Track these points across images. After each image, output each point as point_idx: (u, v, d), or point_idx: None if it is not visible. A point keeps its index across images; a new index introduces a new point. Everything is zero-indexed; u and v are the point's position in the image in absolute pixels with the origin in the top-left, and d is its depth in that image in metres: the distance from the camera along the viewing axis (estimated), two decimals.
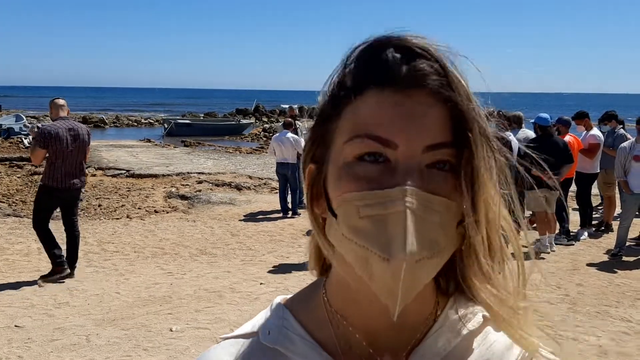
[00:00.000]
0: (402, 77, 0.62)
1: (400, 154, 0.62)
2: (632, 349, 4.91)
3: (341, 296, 0.72)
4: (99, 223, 9.68)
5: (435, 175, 0.62)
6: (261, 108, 45.05)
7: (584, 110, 9.32)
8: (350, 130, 0.64)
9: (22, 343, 4.93)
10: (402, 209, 0.59)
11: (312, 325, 0.74)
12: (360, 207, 0.62)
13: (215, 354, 0.76)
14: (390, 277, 0.58)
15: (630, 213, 7.75)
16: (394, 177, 0.61)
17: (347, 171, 0.64)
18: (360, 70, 0.65)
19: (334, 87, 0.68)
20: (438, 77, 0.63)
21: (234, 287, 6.50)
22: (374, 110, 0.63)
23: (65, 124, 6.46)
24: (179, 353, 4.75)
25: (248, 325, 0.78)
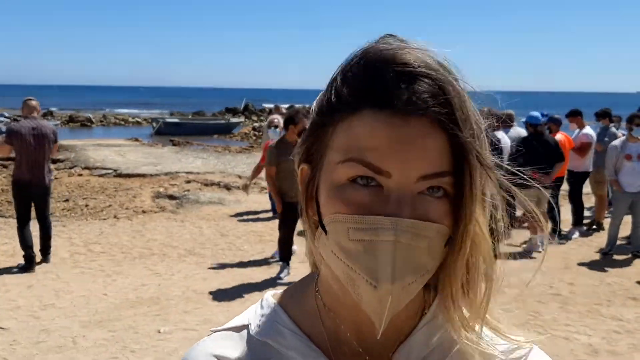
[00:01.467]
0: (402, 101, 0.61)
1: (393, 183, 0.62)
2: (623, 348, 4.91)
3: (331, 293, 0.73)
4: (85, 223, 9.57)
5: (427, 201, 0.63)
6: (251, 107, 44.94)
7: (577, 108, 9.32)
8: (345, 150, 0.63)
9: (7, 345, 4.85)
10: (391, 239, 0.60)
11: (303, 319, 0.75)
12: (351, 230, 0.62)
13: (205, 346, 0.76)
14: (377, 302, 0.61)
15: (621, 212, 7.77)
16: (386, 205, 0.61)
17: (339, 193, 0.64)
18: (359, 86, 0.64)
19: (333, 95, 0.67)
20: (438, 104, 0.61)
21: (223, 288, 6.44)
22: (369, 133, 0.62)
23: (30, 123, 6.97)
24: (166, 355, 4.69)
25: (239, 318, 0.79)
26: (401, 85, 0.61)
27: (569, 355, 4.74)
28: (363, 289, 0.61)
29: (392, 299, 0.60)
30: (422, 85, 0.61)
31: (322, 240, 0.67)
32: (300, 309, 0.76)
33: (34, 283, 6.49)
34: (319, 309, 0.75)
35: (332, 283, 0.71)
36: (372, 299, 0.61)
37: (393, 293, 0.60)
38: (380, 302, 0.61)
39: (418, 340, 0.72)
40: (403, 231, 0.60)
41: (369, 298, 0.61)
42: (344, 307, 0.72)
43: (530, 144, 7.32)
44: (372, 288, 0.60)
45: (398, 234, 0.60)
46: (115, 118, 40.85)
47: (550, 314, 5.61)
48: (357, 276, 0.62)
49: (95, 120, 37.88)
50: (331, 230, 0.64)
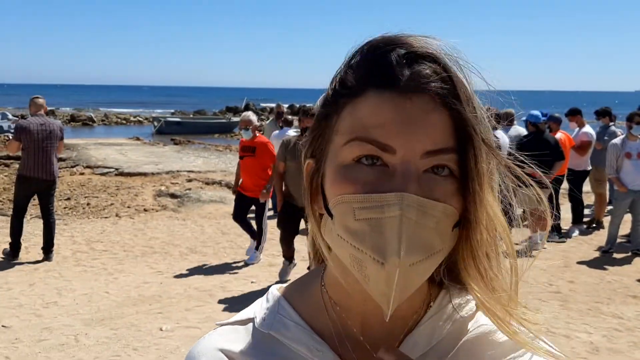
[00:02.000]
0: (405, 80, 0.62)
1: (398, 159, 0.62)
2: (623, 346, 4.92)
3: (337, 287, 0.73)
4: (87, 222, 9.59)
5: (432, 180, 0.62)
6: (251, 106, 44.94)
7: (577, 107, 9.33)
8: (349, 131, 0.64)
9: (9, 343, 4.86)
10: (397, 214, 0.60)
11: (308, 312, 0.75)
12: (357, 210, 0.62)
13: (211, 340, 0.76)
14: (384, 280, 0.60)
15: (621, 210, 7.78)
16: (391, 181, 0.61)
17: (345, 173, 0.64)
18: (362, 70, 0.65)
19: (336, 84, 0.68)
20: (441, 81, 0.62)
21: (225, 286, 6.46)
22: (373, 112, 0.62)
23: (38, 120, 7.15)
24: (168, 352, 4.71)
25: (244, 312, 0.79)
26: (404, 65, 0.62)
27: (569, 353, 4.74)
28: (370, 269, 0.61)
29: (400, 275, 0.59)
30: (425, 64, 0.62)
31: (329, 226, 0.67)
32: (305, 302, 0.76)
33: (36, 281, 6.51)
34: (325, 303, 0.75)
35: (338, 275, 0.71)
36: (380, 279, 0.60)
37: (401, 268, 0.59)
38: (388, 280, 0.60)
39: (424, 332, 0.72)
40: (409, 206, 0.60)
41: (376, 278, 0.61)
42: (350, 300, 0.72)
43: (531, 142, 7.34)
44: (380, 266, 0.60)
45: (404, 208, 0.59)
46: (117, 117, 40.88)
47: (551, 312, 5.62)
48: (364, 256, 0.61)
49: (97, 120, 37.92)
50: (337, 213, 0.64)
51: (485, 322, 0.73)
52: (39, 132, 7.08)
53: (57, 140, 7.27)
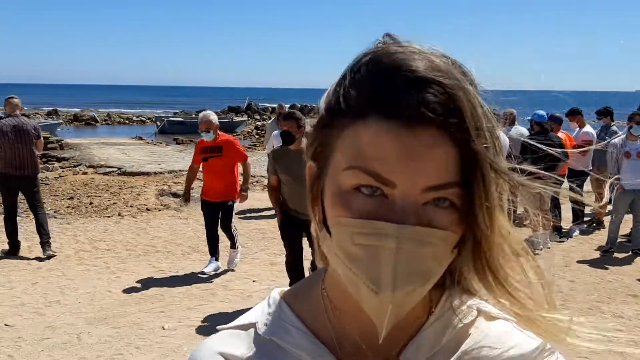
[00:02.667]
0: (409, 110, 0.59)
1: (398, 193, 0.60)
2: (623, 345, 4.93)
3: (337, 291, 0.73)
4: (90, 221, 9.62)
5: (432, 211, 0.61)
6: (253, 106, 44.97)
7: (577, 107, 9.32)
8: (350, 156, 0.62)
9: (12, 342, 4.89)
10: (394, 247, 0.59)
11: (309, 317, 0.75)
12: (355, 234, 0.61)
13: (212, 344, 0.76)
14: (378, 308, 0.60)
15: (621, 209, 7.78)
16: (390, 213, 0.61)
17: (344, 199, 0.63)
18: (366, 91, 0.62)
19: (340, 97, 0.65)
20: (447, 113, 0.59)
21: (227, 284, 6.48)
22: (374, 143, 0.60)
23: (11, 121, 7.43)
24: (171, 351, 4.73)
25: (246, 316, 0.78)
26: (409, 94, 0.59)
27: (569, 352, 4.75)
28: (365, 294, 0.61)
29: (393, 307, 0.60)
30: (431, 93, 0.59)
31: (327, 241, 0.67)
32: (307, 306, 0.76)
33: (39, 280, 6.54)
34: (325, 306, 0.74)
35: (339, 280, 0.70)
36: (374, 304, 0.61)
37: (394, 302, 0.60)
38: (381, 309, 0.60)
39: (426, 338, 0.72)
40: (406, 239, 0.59)
41: (370, 303, 0.61)
42: (350, 306, 0.71)
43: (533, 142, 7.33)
44: (374, 294, 0.60)
45: (401, 241, 0.59)
46: (120, 117, 40.92)
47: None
48: (359, 281, 0.61)
49: (99, 119, 37.99)
50: (335, 233, 0.64)
51: (487, 326, 0.74)
52: (10, 132, 7.32)
53: (33, 139, 7.52)
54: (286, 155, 5.43)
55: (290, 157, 5.35)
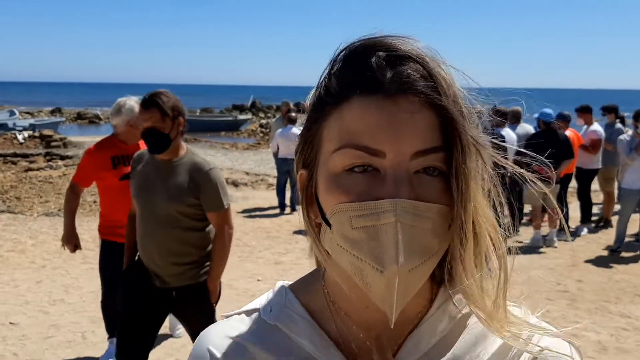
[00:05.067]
0: (388, 82, 0.62)
1: (389, 163, 0.62)
2: (631, 345, 4.89)
3: (337, 290, 0.74)
4: (94, 220, 9.60)
5: (424, 181, 0.63)
6: (258, 104, 45.00)
7: (588, 104, 9.22)
8: (337, 139, 0.64)
9: (17, 340, 4.88)
10: (393, 221, 0.60)
11: (313, 309, 0.76)
12: (353, 218, 0.62)
13: (219, 328, 0.78)
14: (384, 287, 0.61)
15: (629, 208, 7.74)
16: (383, 186, 0.62)
17: (337, 182, 0.64)
18: (345, 75, 0.65)
19: (321, 90, 0.68)
20: (424, 81, 0.62)
21: (231, 283, 6.46)
22: (359, 118, 0.63)
23: None
24: (175, 350, 4.72)
25: (251, 304, 0.81)
26: (386, 68, 0.62)
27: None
28: (371, 277, 0.61)
29: (400, 281, 0.60)
30: (406, 65, 0.62)
31: (328, 235, 0.67)
32: (311, 299, 0.77)
33: (43, 279, 6.54)
34: (327, 303, 0.76)
35: (339, 281, 0.71)
36: (380, 286, 0.61)
37: (400, 275, 0.60)
38: (388, 288, 0.61)
39: (425, 331, 0.72)
40: (404, 212, 0.60)
41: (377, 285, 0.61)
42: (350, 303, 0.73)
43: (540, 140, 7.28)
44: (379, 273, 0.60)
45: (399, 214, 0.60)
46: None
47: (559, 311, 5.60)
48: (364, 264, 0.62)
49: (103, 117, 38.04)
50: (335, 222, 0.65)
51: None
52: None
53: None
54: (146, 171, 3.22)
55: (150, 177, 3.17)
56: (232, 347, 0.75)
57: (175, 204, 3.12)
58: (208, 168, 3.22)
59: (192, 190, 3.13)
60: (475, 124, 0.66)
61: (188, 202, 3.13)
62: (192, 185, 3.13)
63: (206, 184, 3.15)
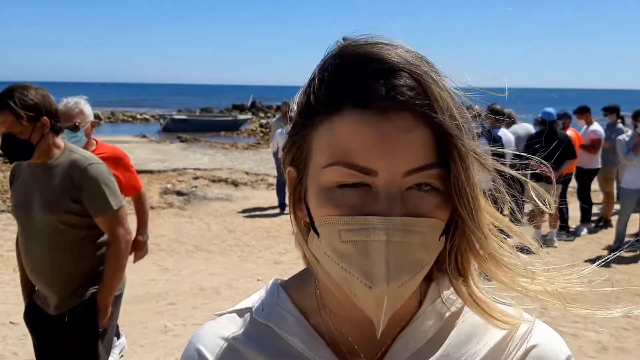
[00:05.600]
0: (380, 99, 0.60)
1: (381, 181, 0.61)
2: (631, 345, 4.89)
3: (328, 291, 0.74)
4: None
5: (416, 196, 0.62)
6: (258, 103, 44.97)
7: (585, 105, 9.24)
8: (328, 153, 0.63)
9: (17, 340, 4.89)
10: (384, 239, 0.59)
11: (305, 308, 0.76)
12: (342, 232, 0.62)
13: (211, 328, 0.78)
14: (373, 302, 0.61)
15: (628, 208, 7.73)
16: (375, 203, 0.61)
17: (328, 196, 0.63)
18: (336, 85, 0.63)
19: (312, 96, 0.66)
20: (418, 96, 0.61)
21: (231, 283, 6.46)
22: (351, 134, 0.61)
23: None
24: (175, 350, 4.72)
25: (243, 302, 0.81)
26: (379, 82, 0.61)
27: (577, 352, 4.72)
28: (359, 290, 0.61)
29: (389, 299, 0.60)
30: (400, 79, 0.61)
31: (315, 242, 0.67)
32: (303, 298, 0.78)
33: None
34: (318, 303, 0.76)
35: (328, 283, 0.72)
36: (369, 300, 0.61)
37: (389, 293, 0.60)
38: (377, 303, 0.61)
39: (414, 332, 0.73)
40: (394, 230, 0.60)
41: (365, 299, 0.61)
42: (340, 306, 0.73)
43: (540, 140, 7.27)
44: (368, 289, 0.60)
45: (390, 233, 0.59)
46: (123, 115, 40.98)
47: (558, 310, 5.59)
48: (352, 278, 0.61)
49: (103, 117, 38.01)
50: (323, 233, 0.64)
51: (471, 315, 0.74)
52: None
53: None
54: (22, 181, 2.88)
55: (27, 187, 2.82)
56: (224, 348, 0.75)
57: (53, 212, 2.66)
58: (87, 164, 2.72)
59: (71, 193, 2.67)
60: (472, 133, 0.65)
61: (68, 208, 2.66)
62: (70, 187, 2.67)
63: (86, 183, 2.69)
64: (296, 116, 0.69)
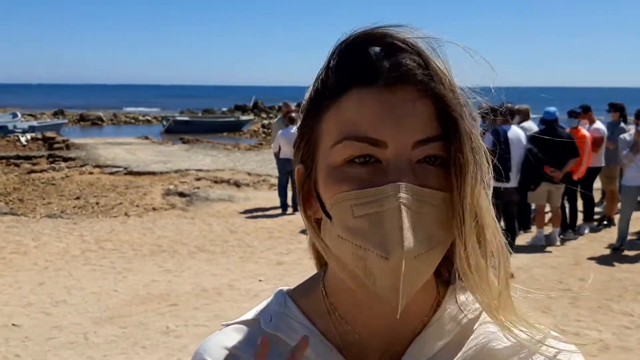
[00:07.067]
0: (385, 73, 0.61)
1: (390, 153, 0.61)
2: (633, 343, 4.88)
3: (340, 295, 0.72)
4: (96, 221, 9.64)
5: (426, 170, 0.62)
6: (260, 104, 45.00)
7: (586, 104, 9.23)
8: (337, 132, 0.63)
9: (19, 342, 4.90)
10: (396, 205, 0.59)
11: (313, 315, 0.75)
12: (354, 207, 0.61)
13: (218, 339, 0.76)
14: (390, 274, 0.59)
15: (630, 206, 7.71)
16: (386, 176, 0.61)
17: (338, 174, 0.63)
18: (342, 68, 0.65)
19: (318, 85, 0.67)
20: (422, 70, 0.62)
21: (233, 284, 6.47)
22: (359, 109, 0.62)
23: None
24: (177, 351, 4.72)
25: (251, 312, 0.79)
26: (383, 59, 0.62)
27: None
28: (375, 266, 0.59)
29: (406, 267, 0.58)
30: (405, 56, 0.62)
31: (328, 228, 0.65)
32: (310, 305, 0.76)
33: (46, 280, 6.55)
34: (327, 308, 0.74)
35: (345, 278, 0.68)
36: (386, 274, 0.59)
37: (406, 260, 0.58)
38: (394, 273, 0.58)
39: (430, 336, 0.70)
40: (407, 195, 0.59)
41: (381, 274, 0.59)
42: (353, 307, 0.71)
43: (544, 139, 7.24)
44: (384, 261, 0.58)
45: (402, 197, 0.58)
46: (126, 116, 41.07)
47: (561, 309, 5.59)
48: (367, 253, 0.60)
49: (105, 119, 38.09)
50: (335, 213, 0.63)
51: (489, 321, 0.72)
52: None
53: None
54: None
55: None
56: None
57: None
58: None
59: None
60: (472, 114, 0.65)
61: None
62: None
63: None
64: (306, 108, 0.69)
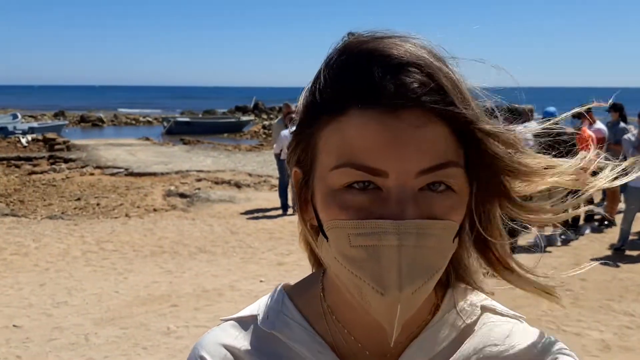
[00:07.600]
0: (389, 95, 0.57)
1: (392, 182, 0.58)
2: (635, 343, 4.87)
3: (338, 298, 0.71)
4: (97, 222, 9.64)
5: (430, 197, 0.59)
6: (260, 105, 45.01)
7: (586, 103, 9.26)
8: (337, 154, 0.60)
9: (20, 343, 4.89)
10: (395, 244, 0.57)
11: (310, 315, 0.74)
12: (352, 236, 0.59)
13: (215, 335, 0.76)
14: (385, 310, 0.58)
15: (632, 207, 7.70)
16: (386, 206, 0.58)
17: (336, 198, 0.60)
18: (342, 83, 0.60)
19: (318, 95, 0.63)
20: (429, 92, 0.57)
21: (234, 285, 6.46)
22: (359, 134, 0.58)
23: None
24: (178, 352, 4.71)
25: (249, 308, 0.79)
26: (387, 79, 0.57)
27: (580, 351, 4.70)
28: (371, 297, 0.59)
29: (402, 306, 0.58)
30: (409, 75, 0.57)
31: (325, 247, 0.64)
32: (308, 305, 0.76)
33: (47, 281, 6.55)
34: (324, 310, 0.74)
35: (339, 285, 0.68)
36: (381, 307, 0.58)
37: (402, 301, 0.57)
38: (390, 310, 0.58)
39: (427, 340, 0.70)
40: (407, 234, 0.57)
41: (377, 305, 0.59)
42: (349, 311, 0.70)
43: None
44: (380, 296, 0.57)
45: (402, 237, 0.56)
46: (127, 118, 41.10)
47: (562, 309, 5.58)
48: (363, 284, 0.59)
49: (106, 120, 38.13)
50: (332, 237, 0.61)
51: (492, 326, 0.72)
52: None
53: None
54: None
55: None
56: (227, 357, 0.74)
57: None
58: None
59: None
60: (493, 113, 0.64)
61: None
62: None
63: None
64: (301, 115, 0.66)
